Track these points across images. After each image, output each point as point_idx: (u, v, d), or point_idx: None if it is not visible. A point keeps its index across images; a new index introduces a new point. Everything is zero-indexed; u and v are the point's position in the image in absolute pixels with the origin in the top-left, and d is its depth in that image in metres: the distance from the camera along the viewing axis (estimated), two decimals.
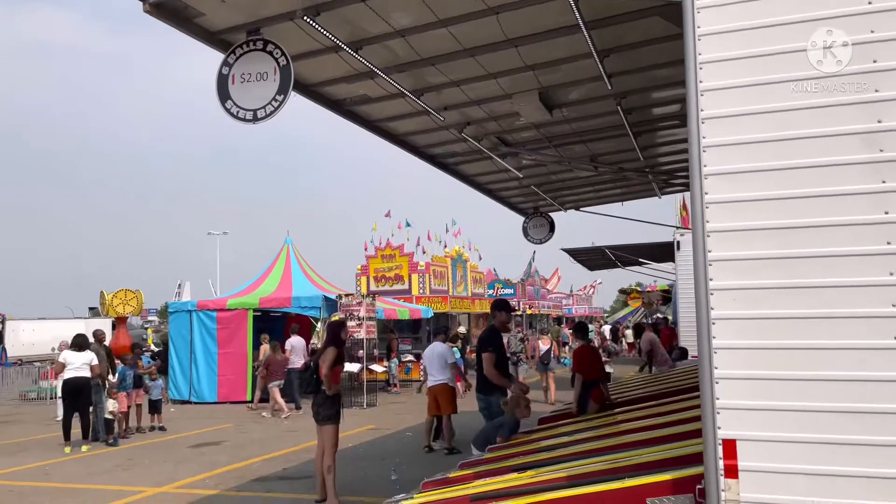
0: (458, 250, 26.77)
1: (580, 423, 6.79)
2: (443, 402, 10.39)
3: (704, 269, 3.27)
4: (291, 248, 21.04)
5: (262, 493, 8.16)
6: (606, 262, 20.94)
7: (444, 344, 10.94)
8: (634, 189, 12.22)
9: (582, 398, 7.43)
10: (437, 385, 10.47)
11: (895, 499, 2.89)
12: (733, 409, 3.17)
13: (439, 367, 10.47)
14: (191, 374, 18.02)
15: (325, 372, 7.50)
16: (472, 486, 4.75)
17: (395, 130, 7.97)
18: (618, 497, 3.50)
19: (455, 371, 10.57)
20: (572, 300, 48.79)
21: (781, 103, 3.21)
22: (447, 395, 10.41)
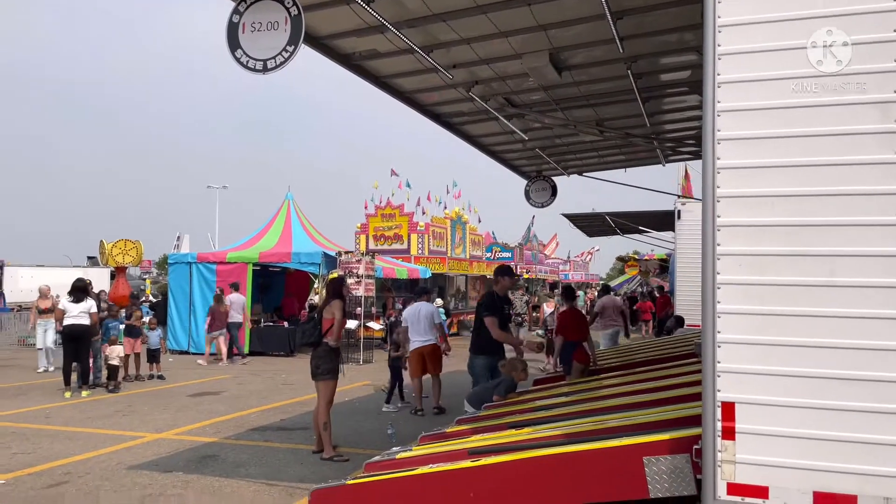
0: (457, 212, 26.77)
1: (577, 384, 6.89)
2: (433, 363, 10.39)
3: (713, 234, 3.29)
4: (292, 203, 21.01)
5: (261, 442, 8.30)
6: (606, 228, 20.92)
7: (430, 304, 10.86)
8: (639, 156, 12.18)
9: (564, 359, 7.55)
10: (426, 346, 10.37)
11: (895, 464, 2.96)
12: (734, 373, 3.23)
13: (426, 328, 10.34)
14: (190, 326, 18.18)
15: (338, 318, 7.52)
16: (470, 440, 4.85)
17: (402, 87, 7.90)
18: (614, 455, 3.57)
19: (440, 332, 10.59)
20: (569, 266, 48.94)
21: (798, 70, 3.19)
22: (436, 356, 10.43)
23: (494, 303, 7.57)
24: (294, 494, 6.24)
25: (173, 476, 6.79)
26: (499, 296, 7.72)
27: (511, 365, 7.07)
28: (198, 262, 18.41)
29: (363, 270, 17.20)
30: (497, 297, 7.70)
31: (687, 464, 3.45)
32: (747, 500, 3.18)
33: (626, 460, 3.53)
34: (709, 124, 3.32)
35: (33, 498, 6.08)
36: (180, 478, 6.74)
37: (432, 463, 4.19)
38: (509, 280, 7.85)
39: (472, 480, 3.80)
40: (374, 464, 4.64)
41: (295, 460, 7.44)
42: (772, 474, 3.15)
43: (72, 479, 6.68)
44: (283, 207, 20.93)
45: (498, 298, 7.68)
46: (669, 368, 6.53)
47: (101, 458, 7.45)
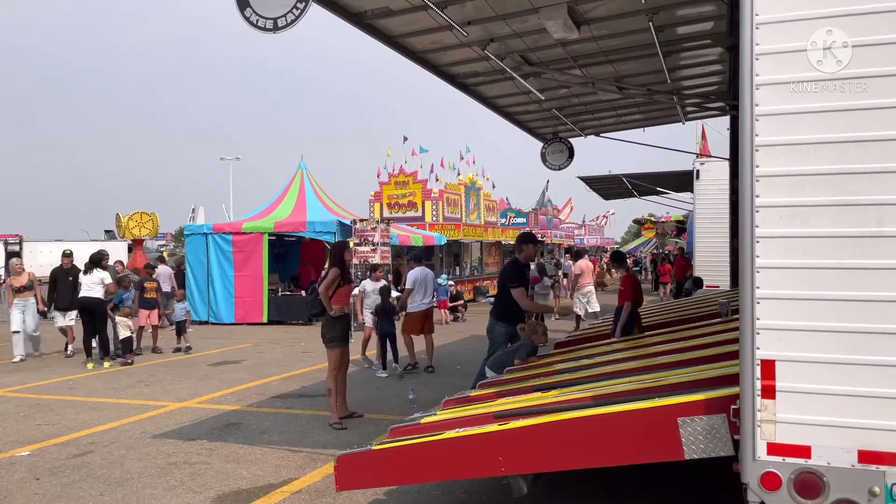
0: (471, 178, 26.54)
1: (602, 346, 6.78)
2: (430, 324, 11.09)
3: (751, 186, 3.13)
4: (305, 172, 20.89)
5: (283, 409, 8.31)
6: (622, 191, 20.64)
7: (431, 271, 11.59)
8: (658, 114, 11.90)
9: (627, 325, 7.47)
10: (429, 308, 11.15)
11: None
12: (774, 330, 3.10)
13: (431, 292, 11.17)
14: (208, 296, 18.24)
15: (321, 291, 7.53)
16: (495, 404, 4.77)
17: (414, 47, 7.69)
18: (647, 416, 3.47)
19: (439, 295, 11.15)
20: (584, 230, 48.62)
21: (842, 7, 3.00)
22: (432, 318, 11.28)
23: (520, 272, 7.45)
24: (317, 460, 6.23)
25: (197, 444, 6.80)
26: (522, 264, 7.59)
27: (531, 328, 6.98)
28: (214, 233, 18.39)
29: (378, 238, 17.09)
30: (521, 265, 7.57)
31: (724, 424, 3.34)
32: (788, 459, 3.08)
33: (660, 421, 3.43)
34: (746, 68, 3.15)
35: (59, 468, 6.11)
36: (204, 445, 6.75)
37: (458, 427, 4.12)
38: (533, 248, 7.71)
39: (499, 444, 3.73)
40: (398, 429, 4.59)
41: (317, 426, 7.44)
42: (814, 433, 3.04)
43: (97, 448, 6.71)
44: (297, 177, 20.82)
45: (522, 266, 7.56)
46: (697, 328, 6.40)
47: (125, 428, 7.48)
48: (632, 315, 8.09)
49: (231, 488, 5.53)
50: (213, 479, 5.76)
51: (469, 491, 5.34)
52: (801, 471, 3.05)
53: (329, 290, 7.53)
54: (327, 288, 7.57)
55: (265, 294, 17.90)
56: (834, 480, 3.01)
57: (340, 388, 7.71)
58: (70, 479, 5.83)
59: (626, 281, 8.48)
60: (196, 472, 5.95)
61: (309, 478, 5.75)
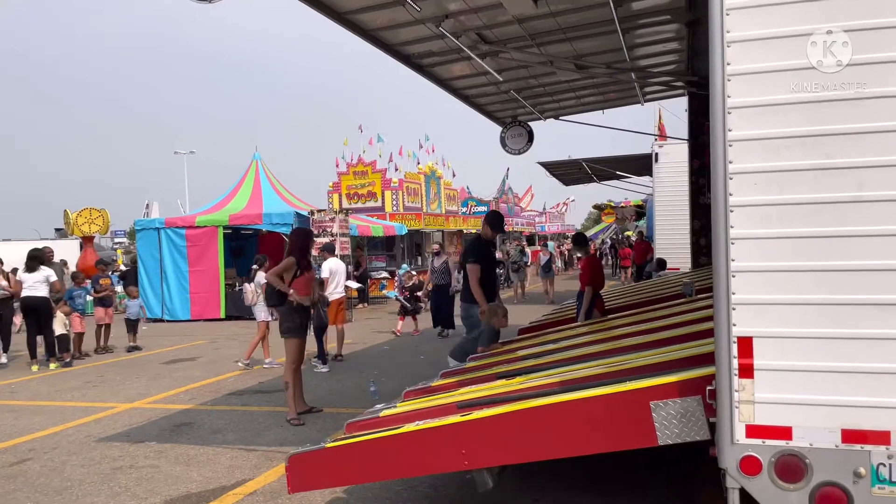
0: (431, 167, 26.23)
1: (566, 330, 6.59)
2: (343, 313, 11.10)
3: (724, 151, 2.92)
4: (260, 163, 20.36)
5: (238, 406, 7.96)
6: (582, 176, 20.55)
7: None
8: (616, 95, 11.76)
9: (588, 309, 7.30)
10: (343, 297, 11.03)
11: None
12: (750, 304, 2.90)
13: (343, 282, 11.02)
14: (162, 293, 17.66)
15: (268, 276, 7.22)
16: (458, 393, 4.53)
17: (366, 24, 7.35)
18: (618, 401, 3.26)
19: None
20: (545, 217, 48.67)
21: None
22: (345, 308, 11.46)
23: (480, 249, 7.21)
24: (273, 459, 5.92)
25: (145, 446, 6.43)
26: (486, 241, 7.36)
27: (491, 311, 6.73)
28: (166, 227, 17.78)
29: (337, 229, 16.74)
30: (483, 242, 7.33)
31: (699, 406, 3.15)
32: (768, 442, 2.89)
33: (632, 406, 3.22)
34: (716, 22, 2.93)
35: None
36: (153, 448, 6.38)
37: (419, 419, 3.87)
38: (489, 229, 7.51)
39: (462, 436, 3.48)
40: (355, 423, 4.31)
41: (274, 423, 7.11)
42: (795, 413, 2.86)
43: (36, 455, 6.29)
44: (252, 168, 20.28)
45: (485, 244, 7.32)
46: (663, 309, 6.24)
47: (68, 432, 7.06)
48: (594, 298, 7.94)
49: (180, 492, 5.20)
50: (160, 483, 5.41)
51: (434, 485, 5.09)
52: (783, 453, 2.87)
53: (279, 275, 7.17)
54: (278, 273, 7.21)
55: (222, 289, 17.40)
56: (817, 462, 2.83)
57: (298, 383, 7.40)
58: (4, 489, 5.42)
59: (586, 264, 8.33)
60: (143, 476, 5.59)
61: (264, 478, 5.44)
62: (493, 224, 7.56)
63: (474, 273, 7.10)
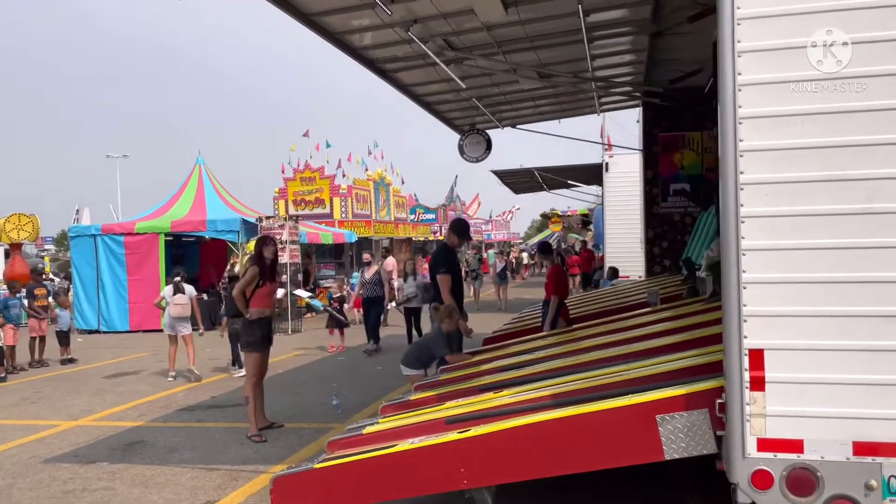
0: (380, 173, 26.03)
1: (538, 340, 6.52)
2: None
3: (735, 162, 2.89)
4: (204, 168, 19.73)
5: (193, 423, 7.60)
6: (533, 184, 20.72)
7: None
8: (573, 105, 11.86)
9: (554, 318, 7.25)
10: None
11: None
12: (762, 316, 2.87)
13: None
14: (98, 303, 16.89)
15: (235, 293, 6.97)
16: (443, 408, 4.39)
17: (333, 27, 7.16)
18: (624, 415, 3.19)
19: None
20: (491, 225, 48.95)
21: None
22: None
23: (448, 258, 7.08)
24: (238, 478, 5.65)
25: (97, 467, 6.05)
26: (451, 249, 7.24)
27: (446, 311, 6.43)
28: (103, 234, 17.02)
29: (287, 236, 16.36)
30: (450, 250, 7.21)
31: (706, 420, 3.10)
32: (780, 455, 2.86)
33: (638, 420, 3.15)
34: (727, 30, 2.90)
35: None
36: (105, 469, 6.01)
37: (410, 436, 3.72)
38: (454, 237, 7.40)
39: (460, 454, 3.35)
40: (338, 441, 4.13)
41: (234, 440, 6.81)
42: (807, 426, 2.84)
43: None
44: (195, 173, 19.63)
45: (451, 252, 7.20)
46: (634, 319, 6.24)
47: (10, 453, 6.59)
48: (559, 307, 7.93)
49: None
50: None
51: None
52: (794, 466, 2.84)
53: (245, 290, 6.91)
54: (242, 289, 6.96)
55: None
56: (828, 475, 2.82)
57: (259, 397, 7.11)
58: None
59: (551, 273, 8.31)
60: (98, 499, 5.25)
61: (230, 499, 5.18)
62: (459, 232, 7.45)
63: (445, 284, 6.93)
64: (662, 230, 11.51)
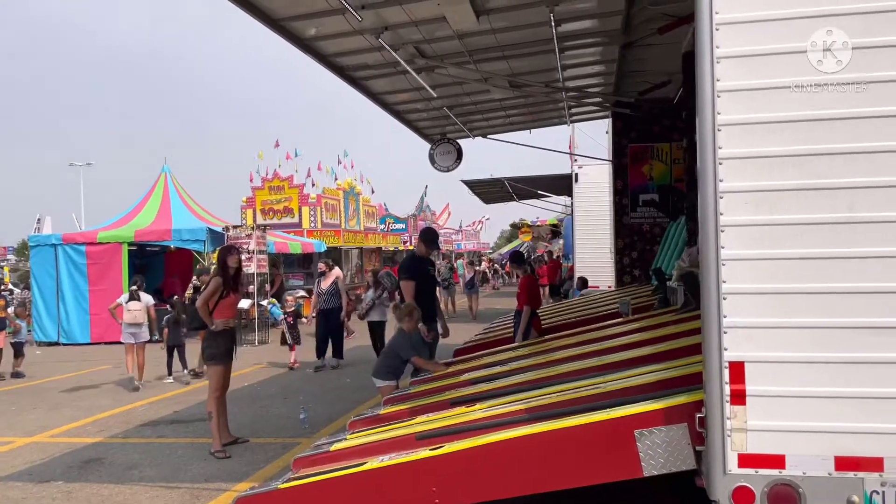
0: (350, 183, 25.81)
1: (510, 351, 6.42)
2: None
3: (714, 170, 2.83)
4: (169, 176, 19.34)
5: (154, 438, 7.34)
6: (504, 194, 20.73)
7: None
8: (543, 115, 11.85)
9: (526, 329, 7.18)
10: None
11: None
12: (742, 328, 2.80)
13: None
14: (59, 314, 16.39)
15: (199, 304, 6.77)
16: (413, 423, 4.25)
17: (302, 33, 7.02)
18: (602, 430, 3.09)
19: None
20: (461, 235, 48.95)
21: None
22: None
23: (414, 266, 6.98)
24: (200, 496, 5.44)
25: (52, 486, 5.78)
26: (420, 258, 7.14)
27: (406, 310, 6.27)
28: (64, 243, 16.56)
29: (254, 245, 16.09)
30: (417, 258, 7.11)
31: (685, 435, 3.02)
32: (761, 471, 2.79)
33: (616, 435, 3.06)
34: (705, 37, 2.84)
35: None
36: (60, 488, 5.75)
37: (377, 454, 3.58)
38: (423, 245, 7.33)
39: (432, 472, 3.22)
40: (304, 459, 3.96)
41: (197, 456, 6.58)
42: (788, 440, 2.77)
43: None
44: (160, 181, 19.23)
45: (419, 260, 7.10)
46: (607, 329, 6.18)
47: None
48: (531, 318, 7.86)
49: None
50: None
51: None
52: (776, 483, 2.77)
53: (209, 301, 6.71)
54: (205, 300, 6.75)
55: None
56: (810, 491, 2.75)
57: (223, 412, 6.90)
58: None
59: (523, 283, 8.24)
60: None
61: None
62: (428, 241, 7.39)
63: (408, 290, 6.87)
64: (632, 240, 11.54)
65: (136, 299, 10.48)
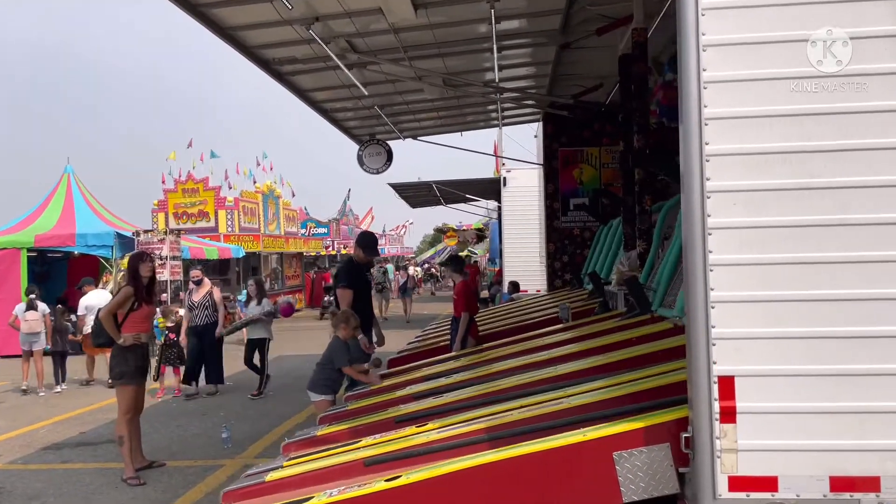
0: (269, 185, 24.94)
1: (452, 362, 6.09)
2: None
3: (700, 167, 2.59)
4: (73, 177, 18.05)
5: (58, 464, 6.63)
6: (431, 198, 20.47)
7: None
8: (478, 117, 11.66)
9: (464, 336, 6.88)
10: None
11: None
12: (732, 339, 2.58)
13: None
14: None
15: (102, 315, 6.14)
16: (358, 446, 3.86)
17: (225, 21, 6.50)
18: (578, 453, 2.81)
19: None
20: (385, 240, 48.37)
21: None
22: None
23: (351, 272, 6.59)
24: None
25: None
26: (358, 264, 6.74)
27: (343, 316, 5.87)
28: None
29: (167, 251, 15.21)
30: (354, 264, 6.72)
31: (666, 456, 2.77)
32: (753, 495, 2.57)
33: (593, 459, 2.78)
34: (690, 27, 2.61)
35: None
36: None
37: (325, 484, 3.18)
38: (360, 251, 6.91)
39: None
40: (235, 492, 3.51)
41: (107, 484, 5.95)
42: (781, 460, 2.56)
43: None
44: (63, 182, 17.92)
45: (357, 266, 6.70)
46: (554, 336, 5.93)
47: None
48: (469, 325, 7.58)
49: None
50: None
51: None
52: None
53: (116, 312, 6.08)
54: (112, 311, 6.12)
55: None
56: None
57: (136, 435, 6.27)
58: None
59: (460, 289, 7.94)
60: None
61: None
62: (366, 246, 6.96)
63: (345, 298, 6.46)
64: (563, 244, 11.53)
65: (33, 308, 10.56)
